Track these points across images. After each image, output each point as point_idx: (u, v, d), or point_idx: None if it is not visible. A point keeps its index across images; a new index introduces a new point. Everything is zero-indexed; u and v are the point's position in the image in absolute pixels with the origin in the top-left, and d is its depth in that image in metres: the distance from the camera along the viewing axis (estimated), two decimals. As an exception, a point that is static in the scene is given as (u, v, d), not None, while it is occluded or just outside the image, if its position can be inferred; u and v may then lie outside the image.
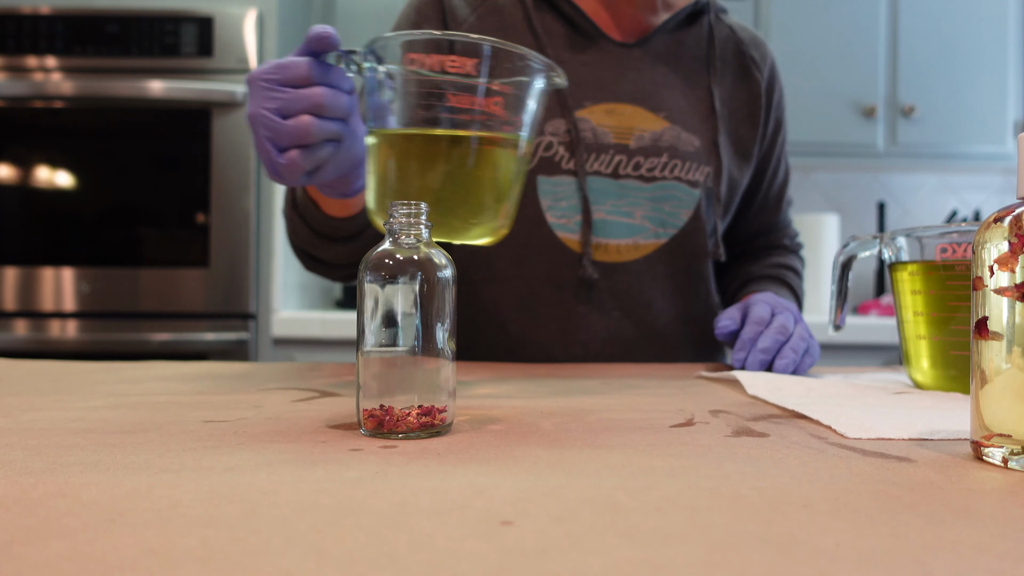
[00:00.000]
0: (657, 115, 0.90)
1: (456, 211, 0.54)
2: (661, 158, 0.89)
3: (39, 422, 0.44)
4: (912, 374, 0.64)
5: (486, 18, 0.90)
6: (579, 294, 0.88)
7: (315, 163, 0.55)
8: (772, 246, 1.05)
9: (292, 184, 0.57)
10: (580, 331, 0.88)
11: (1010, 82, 2.14)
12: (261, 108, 0.54)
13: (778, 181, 1.03)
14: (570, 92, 0.87)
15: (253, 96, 0.54)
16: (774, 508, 0.28)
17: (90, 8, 1.81)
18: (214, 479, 0.31)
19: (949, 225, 0.61)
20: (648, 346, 0.91)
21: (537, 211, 0.87)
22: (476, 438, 0.40)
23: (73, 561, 0.22)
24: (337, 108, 0.55)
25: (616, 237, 0.88)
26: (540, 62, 0.53)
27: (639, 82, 0.90)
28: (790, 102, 2.12)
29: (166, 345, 1.78)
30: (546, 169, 0.87)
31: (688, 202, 0.90)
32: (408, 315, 0.40)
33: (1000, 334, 0.35)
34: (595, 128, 0.88)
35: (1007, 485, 0.32)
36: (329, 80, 0.55)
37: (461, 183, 0.53)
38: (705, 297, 0.95)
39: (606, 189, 0.87)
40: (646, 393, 0.59)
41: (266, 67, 0.54)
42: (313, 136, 0.54)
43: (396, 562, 0.22)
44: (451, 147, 0.53)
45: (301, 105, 0.53)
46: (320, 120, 0.54)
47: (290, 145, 0.54)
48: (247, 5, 1.81)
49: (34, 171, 1.83)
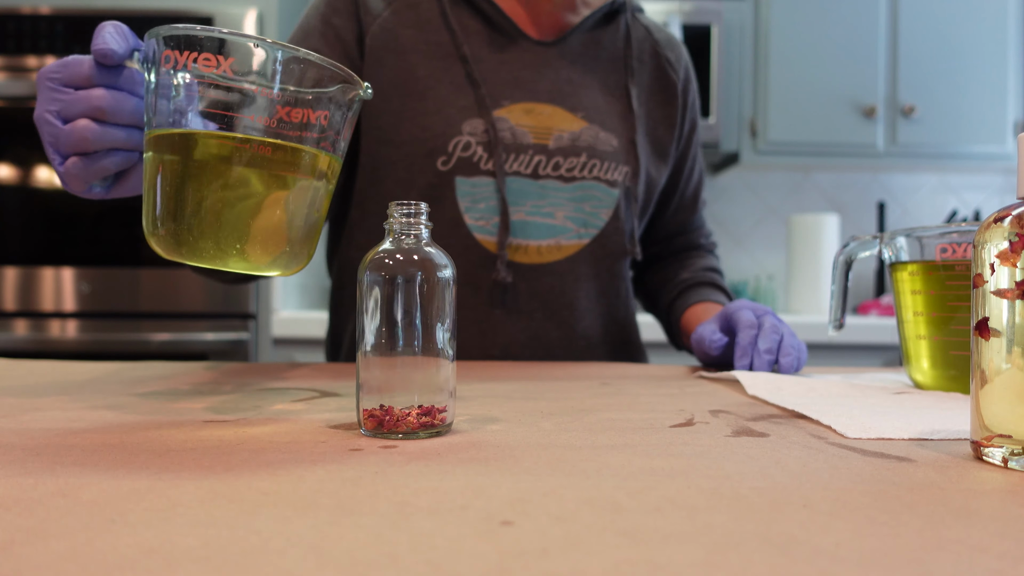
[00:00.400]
0: (575, 115, 0.89)
1: (216, 234, 0.44)
2: (580, 158, 0.88)
3: (39, 422, 0.44)
4: (912, 374, 0.64)
5: (401, 12, 0.88)
6: (494, 297, 0.87)
7: (98, 173, 0.49)
8: (690, 247, 1.06)
9: (81, 195, 0.51)
10: (498, 334, 0.87)
11: (1010, 82, 2.14)
12: (44, 110, 0.48)
13: (694, 181, 1.04)
14: (487, 91, 0.87)
15: (40, 96, 0.49)
16: (774, 508, 0.28)
17: (90, 8, 1.81)
18: (214, 479, 0.31)
19: (949, 225, 0.61)
20: (570, 348, 0.90)
21: (455, 212, 0.86)
22: (476, 438, 0.40)
23: (73, 561, 0.22)
24: (123, 113, 0.48)
25: (537, 238, 0.87)
26: (337, 71, 0.46)
27: (557, 81, 0.90)
28: (791, 102, 2.13)
29: (166, 345, 1.78)
30: (464, 170, 0.85)
31: (608, 202, 0.90)
32: (408, 315, 0.40)
33: (1000, 331, 0.35)
34: (514, 128, 0.87)
35: (1007, 485, 0.32)
36: (115, 81, 0.48)
37: (216, 201, 0.43)
38: (624, 297, 0.95)
39: (526, 190, 0.87)
40: (646, 393, 0.59)
41: (53, 64, 0.49)
42: (91, 143, 0.48)
43: (396, 562, 0.22)
44: (209, 158, 0.43)
45: (79, 108, 0.48)
46: (101, 126, 0.48)
47: (70, 152, 0.48)
48: (247, 5, 1.81)
49: (34, 171, 1.83)
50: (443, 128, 0.85)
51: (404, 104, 0.86)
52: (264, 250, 0.45)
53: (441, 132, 0.85)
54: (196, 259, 0.44)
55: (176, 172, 0.44)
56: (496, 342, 0.87)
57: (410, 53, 0.87)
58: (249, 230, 0.44)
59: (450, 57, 0.87)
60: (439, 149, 0.85)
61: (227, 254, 0.44)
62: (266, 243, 0.45)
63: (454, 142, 0.85)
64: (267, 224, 0.45)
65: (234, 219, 0.44)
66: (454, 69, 0.87)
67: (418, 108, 0.86)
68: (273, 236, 0.45)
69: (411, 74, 0.87)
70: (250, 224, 0.44)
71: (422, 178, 0.86)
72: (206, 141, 0.43)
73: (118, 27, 0.48)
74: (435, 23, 0.88)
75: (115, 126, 0.48)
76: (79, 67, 0.48)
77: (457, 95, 0.86)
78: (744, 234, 2.47)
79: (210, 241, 0.44)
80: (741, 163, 2.17)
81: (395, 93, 0.87)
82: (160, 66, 0.44)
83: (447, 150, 0.85)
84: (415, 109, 0.86)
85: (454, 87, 0.87)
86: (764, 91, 2.13)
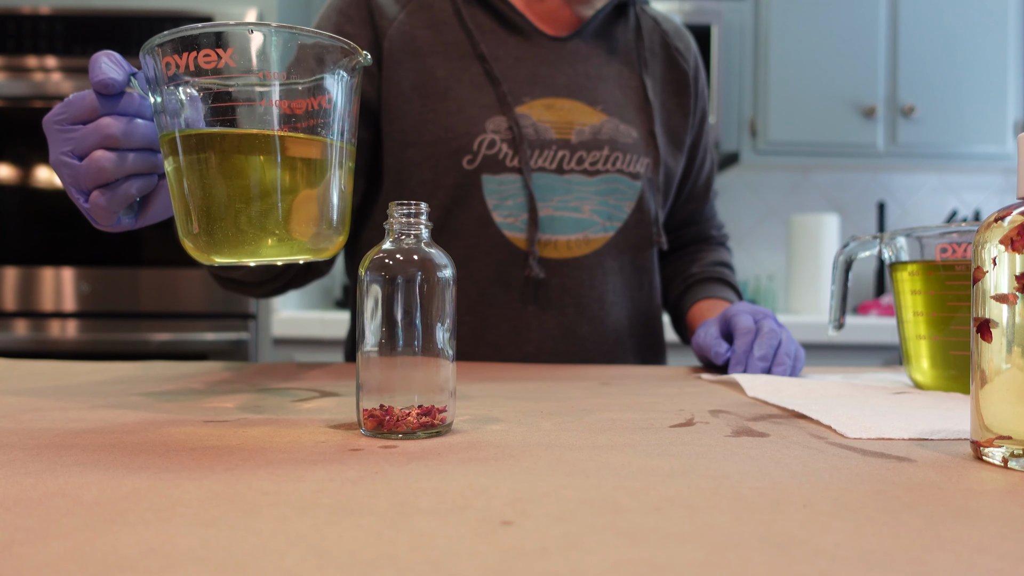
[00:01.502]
0: (595, 108, 0.90)
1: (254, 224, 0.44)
2: (603, 151, 0.89)
3: (39, 422, 0.44)
4: (912, 374, 0.64)
5: (415, 14, 0.89)
6: (527, 293, 0.87)
7: (122, 202, 0.49)
8: (702, 238, 1.06)
9: (112, 228, 0.51)
10: (531, 330, 0.87)
11: (1010, 82, 2.14)
12: (59, 153, 0.48)
13: (706, 169, 1.04)
14: (508, 88, 0.87)
15: (51, 141, 0.49)
16: (774, 508, 0.28)
17: (90, 8, 1.81)
18: (214, 479, 0.31)
19: (949, 225, 0.61)
20: (601, 342, 0.90)
21: (483, 211, 0.86)
22: (476, 438, 0.40)
23: (73, 561, 0.22)
24: (135, 137, 0.48)
25: (565, 233, 0.88)
26: (334, 43, 0.45)
27: (574, 76, 0.90)
28: (791, 102, 2.12)
29: (166, 345, 1.78)
30: (490, 168, 0.86)
31: (631, 194, 0.91)
32: (408, 315, 0.40)
33: (998, 323, 0.35)
34: (536, 124, 0.87)
35: (1007, 485, 0.32)
36: (120, 109, 0.48)
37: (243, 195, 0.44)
38: (649, 290, 0.96)
39: (552, 185, 0.87)
40: (646, 393, 0.59)
41: (55, 108, 0.49)
42: (109, 173, 0.48)
43: (396, 562, 0.22)
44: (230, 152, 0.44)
45: (91, 141, 0.48)
46: (116, 154, 0.48)
47: (91, 187, 0.48)
48: (247, 5, 1.81)
49: (34, 171, 1.83)
50: (466, 127, 0.85)
51: (425, 105, 0.87)
52: (300, 232, 0.45)
53: (465, 131, 0.85)
54: (235, 255, 0.45)
55: (198, 173, 0.44)
56: (530, 339, 0.87)
57: (428, 54, 0.88)
58: (279, 216, 0.44)
59: (467, 56, 0.88)
60: (464, 148, 0.85)
61: (262, 244, 0.45)
62: (300, 225, 0.45)
63: (479, 140, 0.85)
64: (297, 207, 0.45)
65: (265, 208, 0.44)
66: (472, 68, 0.87)
67: (440, 109, 0.86)
68: (304, 218, 0.45)
69: (430, 75, 0.87)
70: (279, 210, 0.44)
71: (447, 178, 0.86)
72: (221, 138, 0.43)
73: (111, 56, 0.48)
74: (450, 23, 0.89)
75: (130, 151, 0.48)
76: (82, 102, 0.48)
77: (478, 94, 0.87)
78: (744, 234, 2.47)
79: (246, 234, 0.44)
80: (741, 163, 2.17)
81: (415, 95, 0.87)
82: (163, 75, 0.44)
83: (472, 149, 0.85)
84: (437, 110, 0.86)
85: (474, 86, 0.87)
86: (764, 91, 2.13)
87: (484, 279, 0.87)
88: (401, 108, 0.87)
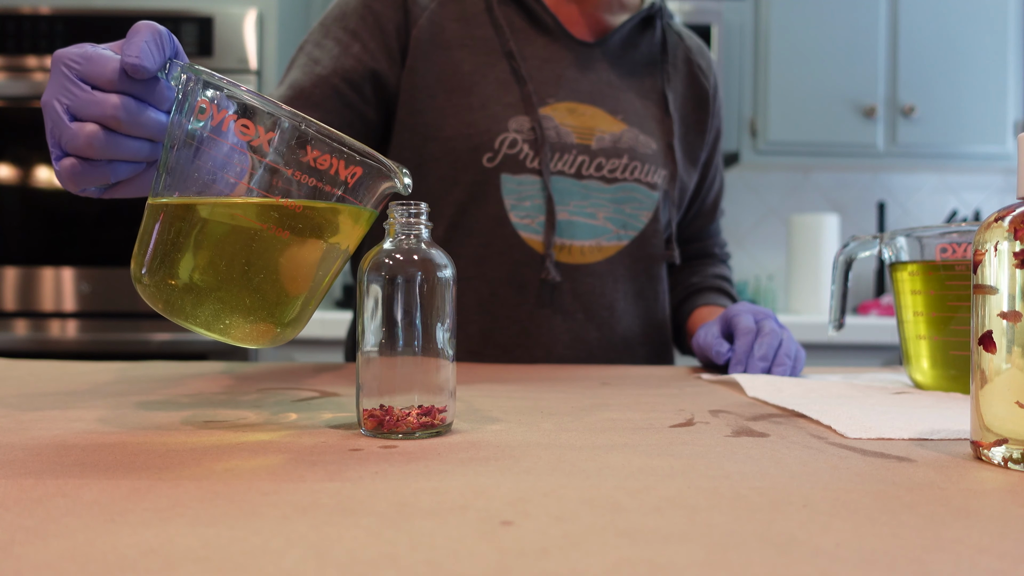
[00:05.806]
0: (615, 117, 0.90)
1: (211, 304, 0.41)
2: (622, 159, 0.88)
3: (39, 422, 0.44)
4: (912, 374, 0.64)
5: (446, 6, 0.88)
6: (541, 296, 0.87)
7: (95, 181, 0.45)
8: (704, 254, 1.06)
9: (75, 192, 0.47)
10: (542, 334, 0.87)
11: (1010, 82, 2.14)
12: (54, 98, 0.44)
13: (716, 188, 1.05)
14: (533, 88, 0.86)
15: (52, 79, 0.44)
16: (774, 508, 0.28)
17: (90, 8, 1.81)
18: (214, 479, 0.31)
19: (949, 225, 0.61)
20: (610, 349, 0.90)
21: (500, 210, 0.85)
22: (476, 438, 0.40)
23: (73, 561, 0.22)
24: (137, 127, 0.44)
25: (580, 238, 0.87)
26: (380, 168, 0.42)
27: (598, 83, 0.90)
28: (790, 102, 2.12)
29: (166, 345, 1.78)
30: (510, 167, 0.85)
31: (648, 204, 0.90)
32: (408, 315, 0.40)
33: (1000, 326, 0.35)
34: (558, 127, 0.87)
35: (1007, 485, 0.32)
36: (138, 91, 0.44)
37: (232, 275, 0.41)
38: (660, 301, 0.96)
39: (570, 189, 0.87)
40: (646, 393, 0.59)
41: (73, 51, 0.44)
42: (95, 151, 0.43)
43: (396, 562, 0.22)
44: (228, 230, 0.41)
45: (91, 111, 0.43)
46: (109, 136, 0.43)
47: (71, 152, 0.44)
48: (247, 5, 1.81)
49: (34, 171, 1.83)
50: (489, 125, 0.85)
51: (449, 100, 0.86)
52: (253, 332, 0.42)
53: (487, 129, 0.85)
54: (179, 320, 0.42)
55: (188, 232, 0.41)
56: (540, 342, 0.87)
57: (455, 48, 0.87)
58: (247, 307, 0.41)
59: (495, 53, 0.87)
60: (485, 145, 0.85)
61: (219, 323, 0.41)
62: (256, 327, 0.42)
63: (500, 139, 0.85)
64: (275, 307, 0.42)
65: (235, 293, 0.41)
66: (499, 65, 0.87)
67: (463, 104, 0.85)
68: (278, 318, 0.42)
69: (457, 69, 0.86)
70: (248, 301, 0.41)
71: (466, 175, 0.85)
72: (231, 211, 0.40)
73: (155, 35, 0.43)
74: (480, 18, 0.88)
75: (125, 137, 0.44)
76: (103, 67, 0.43)
77: (503, 92, 0.86)
78: (744, 234, 2.47)
79: (204, 309, 0.41)
80: (741, 163, 2.17)
81: (440, 89, 0.86)
82: (193, 109, 0.41)
83: (493, 147, 0.85)
84: (460, 105, 0.85)
85: (499, 83, 0.86)
86: (764, 91, 2.13)
87: (497, 279, 0.86)
88: (424, 102, 0.86)
